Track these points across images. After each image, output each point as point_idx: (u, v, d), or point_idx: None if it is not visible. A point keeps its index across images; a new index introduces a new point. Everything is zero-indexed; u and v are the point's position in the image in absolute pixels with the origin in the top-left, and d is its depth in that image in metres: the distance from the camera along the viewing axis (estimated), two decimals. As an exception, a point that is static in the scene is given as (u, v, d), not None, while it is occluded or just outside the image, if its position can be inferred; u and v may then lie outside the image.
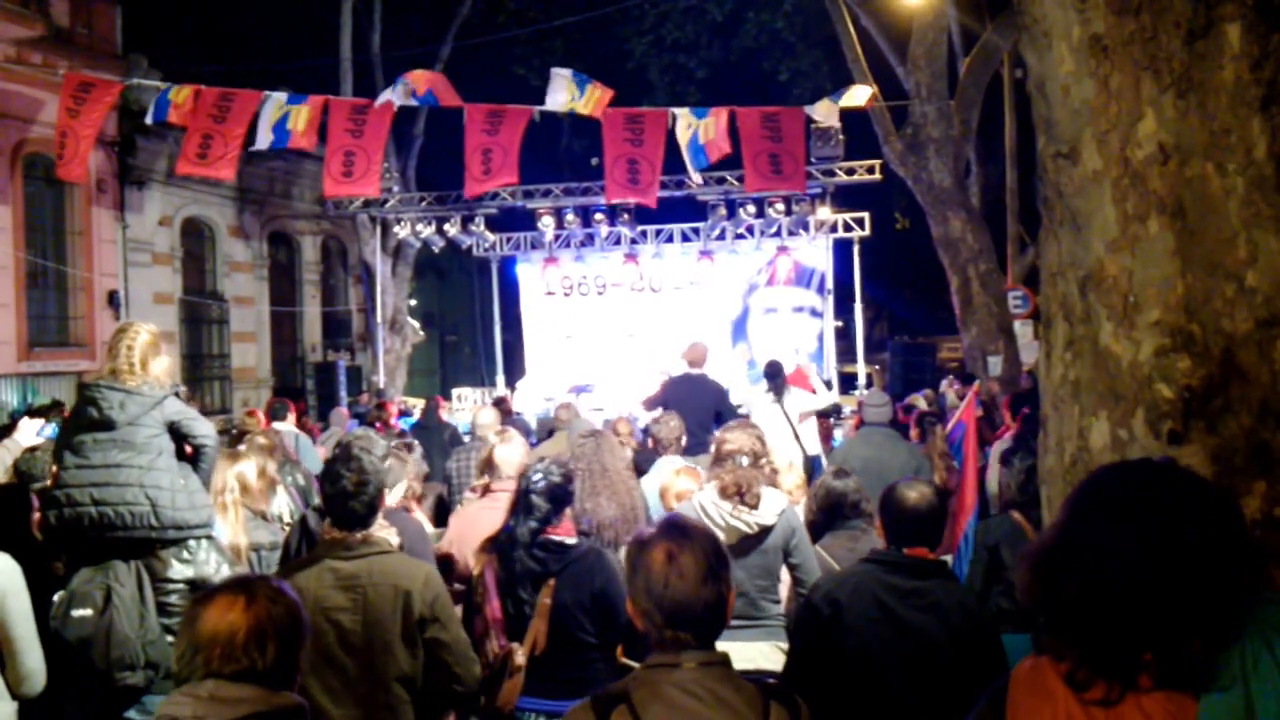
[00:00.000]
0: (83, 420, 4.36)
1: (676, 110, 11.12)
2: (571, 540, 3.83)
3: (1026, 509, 4.73)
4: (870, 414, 7.29)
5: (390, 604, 3.31)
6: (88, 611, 4.05)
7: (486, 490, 5.04)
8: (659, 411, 7.40)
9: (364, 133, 10.72)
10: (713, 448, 4.57)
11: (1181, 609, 1.53)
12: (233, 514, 4.81)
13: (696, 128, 10.66)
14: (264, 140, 10.67)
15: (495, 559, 3.81)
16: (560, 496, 3.87)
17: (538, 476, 3.85)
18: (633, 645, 3.49)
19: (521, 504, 3.83)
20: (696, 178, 12.83)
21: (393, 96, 10.63)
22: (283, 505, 5.62)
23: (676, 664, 2.09)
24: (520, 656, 3.63)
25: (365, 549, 3.40)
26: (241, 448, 5.24)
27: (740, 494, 4.20)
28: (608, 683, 2.39)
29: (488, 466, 5.08)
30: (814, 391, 9.76)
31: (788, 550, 4.28)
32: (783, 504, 4.33)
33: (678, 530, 2.20)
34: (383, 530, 3.67)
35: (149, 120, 10.83)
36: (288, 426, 8.91)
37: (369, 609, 3.31)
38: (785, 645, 4.17)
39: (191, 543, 4.34)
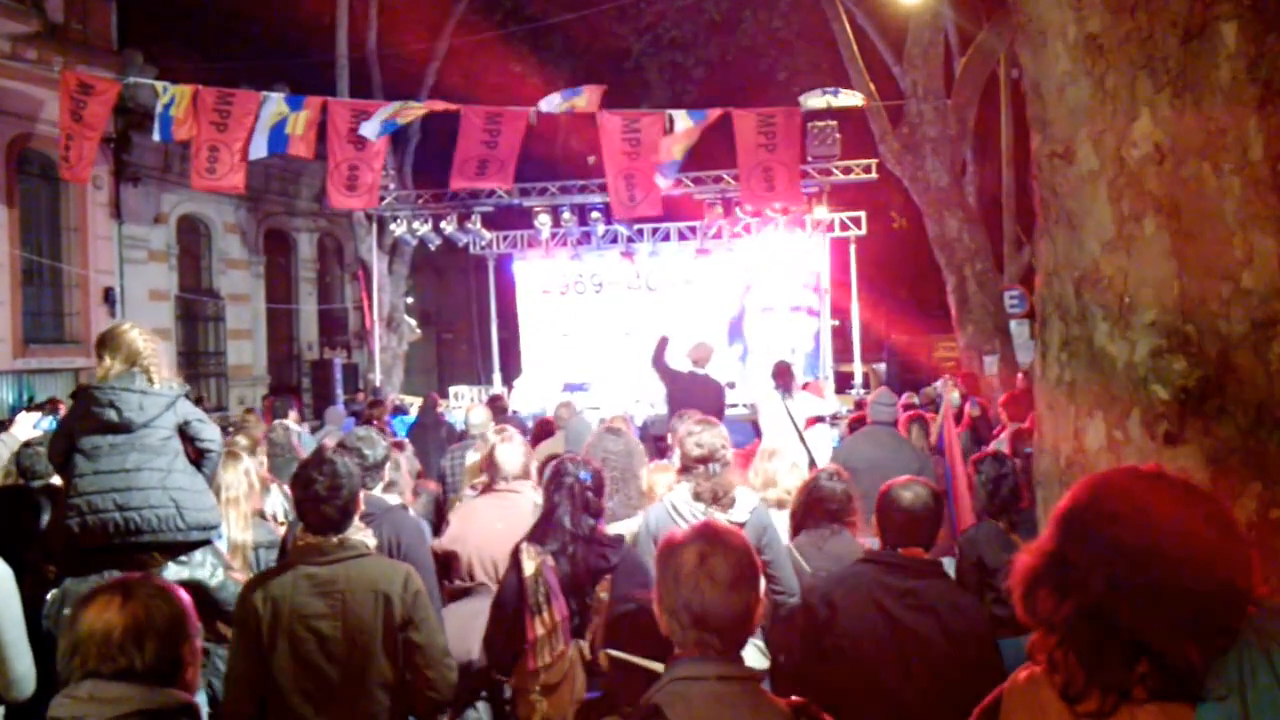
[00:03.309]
0: (97, 422, 4.26)
1: (674, 113, 11.13)
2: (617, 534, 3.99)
3: (998, 516, 4.74)
4: (877, 412, 7.27)
5: (370, 608, 3.25)
6: None
7: (487, 488, 5.01)
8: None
9: (365, 146, 11.10)
10: (677, 446, 4.44)
11: (1176, 617, 1.50)
12: (243, 511, 4.81)
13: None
14: (260, 147, 10.87)
15: (552, 559, 3.80)
16: (601, 491, 4.00)
17: (584, 474, 3.93)
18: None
19: (573, 501, 3.86)
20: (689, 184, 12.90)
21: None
22: (276, 505, 5.60)
23: (705, 677, 2.04)
24: (588, 651, 3.66)
25: (341, 553, 3.32)
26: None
27: (716, 499, 4.17)
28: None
29: (489, 465, 5.06)
30: (823, 397, 9.81)
31: (758, 548, 4.22)
32: (754, 502, 4.30)
33: (711, 534, 2.18)
34: (359, 533, 3.60)
35: (155, 138, 11.26)
36: (293, 424, 8.91)
37: (348, 614, 3.24)
38: (762, 644, 4.17)
39: None
